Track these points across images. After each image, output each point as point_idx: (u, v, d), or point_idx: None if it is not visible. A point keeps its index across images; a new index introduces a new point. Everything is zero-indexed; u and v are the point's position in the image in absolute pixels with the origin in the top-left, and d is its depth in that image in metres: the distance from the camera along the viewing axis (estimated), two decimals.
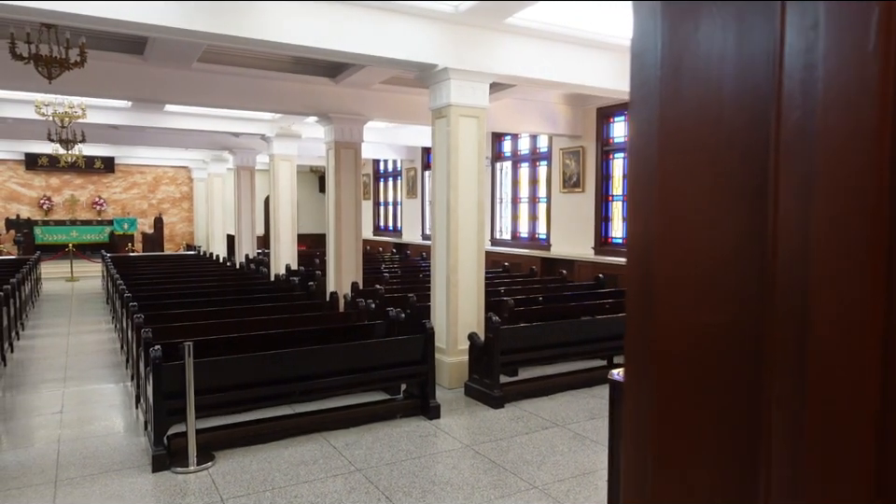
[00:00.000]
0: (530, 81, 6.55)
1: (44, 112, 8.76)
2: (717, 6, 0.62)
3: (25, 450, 4.47)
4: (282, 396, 4.66)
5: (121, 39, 6.62)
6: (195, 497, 3.71)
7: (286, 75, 7.83)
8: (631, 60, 0.71)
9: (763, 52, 0.56)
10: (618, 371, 3.47)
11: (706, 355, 0.65)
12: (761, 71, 0.56)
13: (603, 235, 10.35)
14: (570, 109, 10.38)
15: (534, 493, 3.79)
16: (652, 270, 0.67)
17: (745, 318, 0.58)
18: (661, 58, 0.67)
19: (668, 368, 0.68)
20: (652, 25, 0.69)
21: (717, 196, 0.61)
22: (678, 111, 0.65)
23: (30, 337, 8.50)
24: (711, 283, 0.63)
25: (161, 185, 20.12)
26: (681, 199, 0.64)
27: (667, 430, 0.69)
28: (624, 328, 0.72)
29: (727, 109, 0.60)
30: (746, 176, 0.57)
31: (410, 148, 15.55)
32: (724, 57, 0.61)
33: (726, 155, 0.60)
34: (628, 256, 0.72)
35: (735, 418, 0.61)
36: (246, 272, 11.12)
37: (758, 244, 0.56)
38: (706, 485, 0.67)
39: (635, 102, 0.71)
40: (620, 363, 6.32)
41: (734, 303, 0.59)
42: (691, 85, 0.64)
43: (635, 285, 0.70)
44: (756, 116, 0.56)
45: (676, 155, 0.65)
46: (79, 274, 15.43)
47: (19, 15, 4.43)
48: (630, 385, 0.73)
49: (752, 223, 0.56)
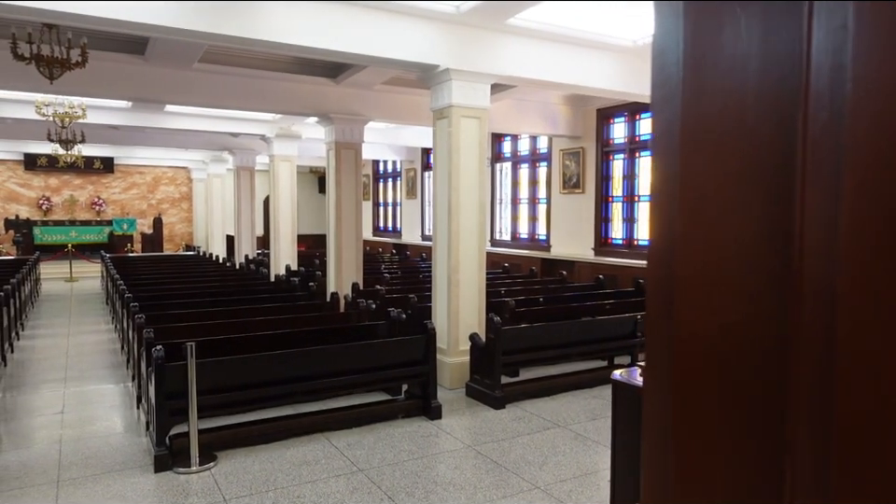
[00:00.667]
0: (531, 82, 6.56)
1: (44, 112, 8.75)
2: (741, 5, 0.62)
3: (27, 450, 4.46)
4: (284, 396, 4.65)
5: (122, 39, 6.61)
6: (198, 497, 3.71)
7: (287, 75, 7.83)
8: (652, 59, 0.71)
9: (790, 53, 0.56)
10: (620, 371, 3.47)
11: (728, 356, 0.65)
12: (787, 71, 0.56)
13: (603, 236, 10.36)
14: (570, 110, 10.39)
15: (536, 493, 3.79)
16: (675, 270, 0.67)
17: (769, 320, 0.58)
18: (683, 57, 0.67)
19: (689, 368, 0.68)
20: (674, 24, 0.69)
21: (741, 196, 0.61)
22: (700, 111, 0.65)
23: (30, 337, 8.49)
24: (735, 284, 0.63)
25: (161, 185, 20.10)
26: (705, 199, 0.64)
27: (687, 432, 0.69)
28: (645, 328, 0.72)
29: (751, 109, 0.60)
30: (771, 177, 0.57)
31: (409, 149, 15.55)
32: (749, 57, 0.61)
33: (751, 155, 0.60)
34: (650, 255, 0.72)
35: (759, 421, 0.61)
36: (246, 272, 11.11)
37: (784, 245, 0.56)
38: (728, 487, 0.67)
39: (656, 101, 0.71)
40: (621, 364, 6.33)
41: (758, 305, 0.59)
42: (714, 85, 0.64)
43: (656, 284, 0.70)
44: (782, 116, 0.56)
45: (699, 155, 0.65)
46: (78, 275, 15.40)
47: (20, 15, 4.42)
48: (649, 385, 0.73)
49: (778, 224, 0.56)
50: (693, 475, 0.68)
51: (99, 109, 9.37)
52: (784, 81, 0.56)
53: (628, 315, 6.56)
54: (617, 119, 10.12)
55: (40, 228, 17.66)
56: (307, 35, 5.09)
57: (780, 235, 0.56)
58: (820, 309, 0.53)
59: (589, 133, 10.45)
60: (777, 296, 0.56)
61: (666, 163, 0.69)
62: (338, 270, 8.74)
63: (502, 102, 9.03)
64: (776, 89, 0.57)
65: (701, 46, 0.65)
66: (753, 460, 0.61)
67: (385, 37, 5.39)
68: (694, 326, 0.66)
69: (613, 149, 10.24)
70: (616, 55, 6.70)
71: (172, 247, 19.77)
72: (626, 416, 3.28)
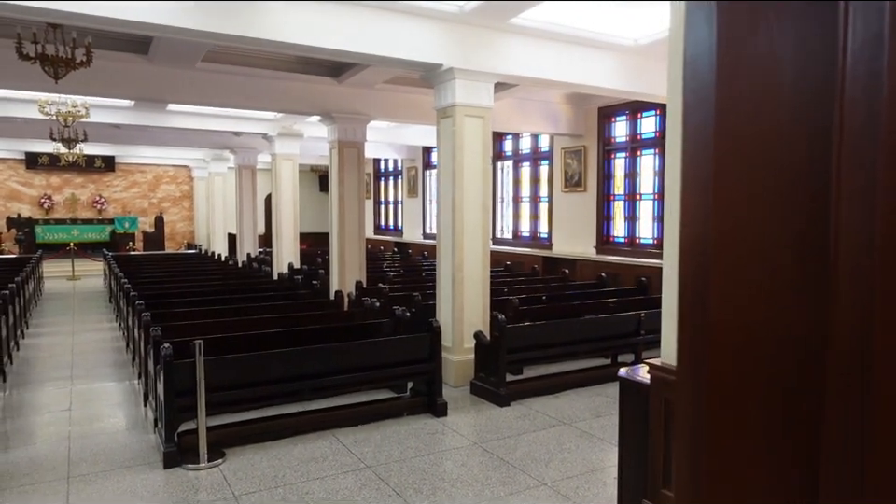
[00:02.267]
0: (534, 81, 6.58)
1: (48, 111, 8.76)
2: (774, 11, 0.64)
3: (35, 447, 4.48)
4: (291, 393, 4.68)
5: (126, 39, 6.63)
6: (207, 492, 3.74)
7: (289, 74, 7.84)
8: (685, 66, 0.73)
9: (824, 59, 0.58)
10: (625, 369, 3.50)
11: (764, 356, 0.67)
12: (821, 77, 0.59)
13: (605, 234, 10.38)
14: (572, 109, 10.40)
15: (543, 490, 3.82)
16: (708, 270, 0.70)
17: (805, 320, 0.60)
18: (716, 64, 0.69)
19: (724, 369, 0.70)
20: (707, 31, 0.71)
21: (776, 200, 0.63)
22: (734, 116, 0.67)
23: (35, 335, 8.51)
24: (770, 283, 0.65)
25: (162, 184, 20.11)
26: (739, 202, 0.66)
27: (721, 431, 0.70)
28: (677, 326, 0.74)
29: (785, 114, 0.62)
30: (806, 181, 0.60)
31: (411, 148, 15.56)
32: (783, 63, 0.63)
33: (786, 160, 0.62)
34: (681, 258, 0.74)
35: (795, 421, 0.62)
36: (249, 270, 11.13)
37: (820, 245, 0.58)
38: (762, 488, 0.69)
39: (689, 106, 0.73)
40: (624, 362, 6.35)
41: (794, 304, 0.61)
42: (747, 90, 0.67)
43: (689, 286, 0.72)
44: (816, 121, 0.59)
45: (732, 159, 0.68)
46: (80, 273, 15.41)
47: (26, 15, 4.44)
48: (682, 384, 0.75)
49: (814, 225, 0.58)
50: (727, 475, 0.70)
51: (101, 108, 9.39)
52: (818, 87, 0.58)
53: (631, 312, 6.59)
54: (618, 117, 10.14)
55: (42, 226, 17.67)
56: (310, 34, 5.10)
57: (816, 235, 0.58)
58: (857, 309, 0.55)
59: (591, 131, 10.47)
60: (813, 296, 0.58)
61: (699, 167, 0.71)
62: (341, 268, 8.76)
63: (504, 101, 9.05)
64: (810, 94, 0.59)
65: (734, 52, 0.68)
66: (789, 460, 0.63)
67: (388, 37, 5.41)
68: (728, 325, 0.68)
69: (615, 148, 10.26)
70: (618, 54, 6.72)
71: (173, 246, 19.78)
72: (633, 413, 3.31)
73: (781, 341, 0.63)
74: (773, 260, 0.64)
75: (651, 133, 9.64)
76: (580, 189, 10.70)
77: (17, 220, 17.51)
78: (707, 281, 0.70)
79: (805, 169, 0.61)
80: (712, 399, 0.70)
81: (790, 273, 0.63)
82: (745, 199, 0.67)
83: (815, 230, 0.60)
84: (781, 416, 0.63)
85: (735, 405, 0.68)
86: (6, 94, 8.57)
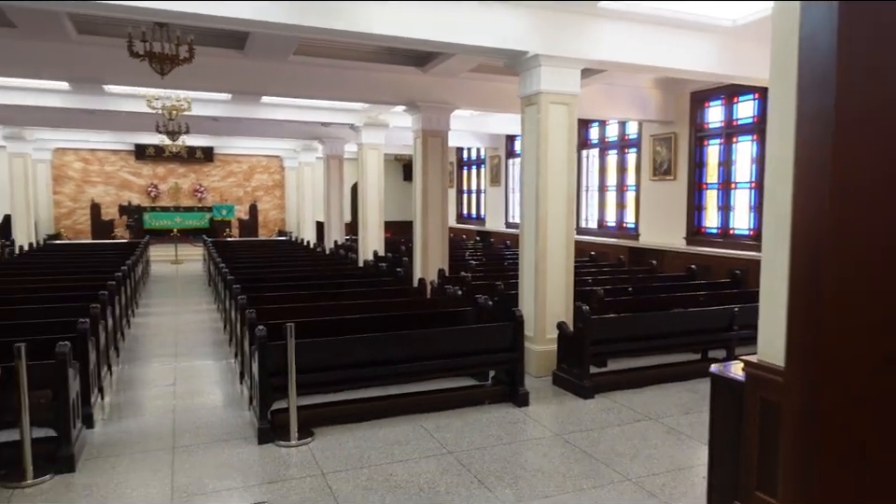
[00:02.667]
0: (623, 66, 6.38)
1: (154, 105, 9.38)
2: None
3: (144, 418, 4.85)
4: (376, 378, 4.81)
5: (224, 35, 6.97)
6: (298, 468, 3.92)
7: (376, 65, 8.00)
8: (800, 42, 0.69)
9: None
10: (717, 365, 3.35)
11: (877, 357, 0.62)
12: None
13: (696, 225, 9.96)
14: (662, 94, 10.01)
15: (627, 485, 3.74)
16: (823, 264, 0.65)
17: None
18: (837, 38, 0.65)
19: (835, 368, 0.66)
20: (826, 4, 0.66)
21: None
22: (858, 95, 0.63)
23: (143, 315, 9.19)
24: (887, 284, 0.60)
25: (256, 173, 21.09)
26: (861, 188, 0.62)
27: (837, 445, 0.66)
28: (787, 328, 0.70)
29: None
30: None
31: (493, 136, 15.51)
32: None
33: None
34: (792, 251, 0.70)
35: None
36: (336, 257, 11.50)
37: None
38: (875, 486, 0.65)
39: (804, 85, 0.68)
40: (715, 358, 6.09)
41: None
42: (873, 66, 0.62)
43: (800, 283, 0.68)
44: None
45: (853, 146, 0.63)
46: (183, 258, 16.46)
47: (135, 15, 4.75)
48: (792, 384, 0.71)
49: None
50: (840, 492, 0.66)
51: (202, 101, 9.96)
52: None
53: (724, 307, 6.30)
54: (713, 102, 9.67)
55: (149, 213, 18.98)
56: (398, 25, 5.17)
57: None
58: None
59: (682, 117, 10.05)
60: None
61: (815, 152, 0.67)
62: (424, 256, 8.89)
63: (590, 87, 8.83)
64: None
65: (858, 23, 0.63)
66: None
67: (472, 24, 5.40)
68: (845, 326, 0.64)
69: (708, 134, 9.80)
70: (714, 36, 6.39)
71: (266, 233, 20.73)
72: (725, 412, 3.17)
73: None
74: (892, 259, 0.59)
75: (749, 118, 9.12)
76: (669, 177, 10.31)
77: (127, 208, 18.91)
78: (821, 276, 0.66)
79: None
80: (828, 410, 0.66)
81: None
82: (867, 184, 0.62)
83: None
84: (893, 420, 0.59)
85: (854, 418, 0.64)
86: (119, 91, 9.24)
